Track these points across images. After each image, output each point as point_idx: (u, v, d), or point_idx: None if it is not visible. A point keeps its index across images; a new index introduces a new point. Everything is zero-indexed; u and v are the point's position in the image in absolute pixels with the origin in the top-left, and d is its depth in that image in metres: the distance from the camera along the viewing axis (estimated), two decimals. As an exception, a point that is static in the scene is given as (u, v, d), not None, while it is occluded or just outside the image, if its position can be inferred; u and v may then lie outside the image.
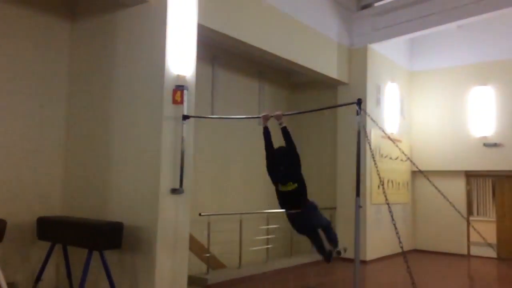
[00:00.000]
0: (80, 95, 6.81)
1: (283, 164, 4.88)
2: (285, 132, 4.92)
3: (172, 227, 5.81)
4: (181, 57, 6.01)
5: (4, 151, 6.12)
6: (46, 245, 5.94)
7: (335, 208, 10.60)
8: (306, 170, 12.15)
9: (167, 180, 5.78)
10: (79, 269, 5.54)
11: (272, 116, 5.03)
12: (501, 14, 9.35)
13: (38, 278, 5.82)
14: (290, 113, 6.04)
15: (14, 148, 6.24)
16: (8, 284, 5.20)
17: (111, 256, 5.70)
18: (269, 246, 9.26)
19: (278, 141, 5.03)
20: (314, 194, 11.61)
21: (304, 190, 5.01)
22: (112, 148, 6.29)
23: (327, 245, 5.12)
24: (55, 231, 5.82)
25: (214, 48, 9.26)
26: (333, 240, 5.14)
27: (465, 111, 11.43)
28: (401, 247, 4.00)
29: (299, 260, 9.70)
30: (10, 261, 5.93)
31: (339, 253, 5.04)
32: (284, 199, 4.99)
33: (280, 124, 4.97)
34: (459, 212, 4.83)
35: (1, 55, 6.13)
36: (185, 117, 5.90)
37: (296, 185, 4.85)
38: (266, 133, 5.08)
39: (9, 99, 6.21)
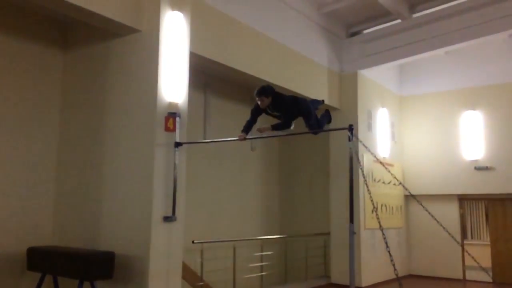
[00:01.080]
0: (72, 123, 6.80)
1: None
2: (275, 127, 5.38)
3: (164, 256, 5.73)
4: (173, 85, 6.05)
5: (-6, 180, 6.06)
6: (36, 276, 5.82)
7: (328, 233, 10.53)
8: (299, 196, 12.12)
9: (160, 207, 5.73)
10: (70, 301, 5.42)
11: (254, 138, 5.46)
12: (488, 40, 9.57)
13: (27, 311, 5.68)
14: (280, 135, 6.11)
15: (4, 178, 6.17)
16: (-4, 317, 5.07)
17: (102, 286, 5.59)
18: (263, 273, 9.14)
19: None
20: (307, 219, 11.60)
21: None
22: (104, 176, 6.25)
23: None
24: (45, 261, 5.71)
25: (206, 75, 9.34)
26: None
27: (455, 135, 11.53)
28: (396, 274, 3.96)
29: (294, 287, 9.57)
30: (-2, 293, 5.80)
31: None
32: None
33: (265, 130, 5.44)
34: (453, 237, 4.82)
35: (-7, 84, 6.14)
36: (178, 144, 5.90)
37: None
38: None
39: (0, 125, 6.19)
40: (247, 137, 5.59)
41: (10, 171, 6.25)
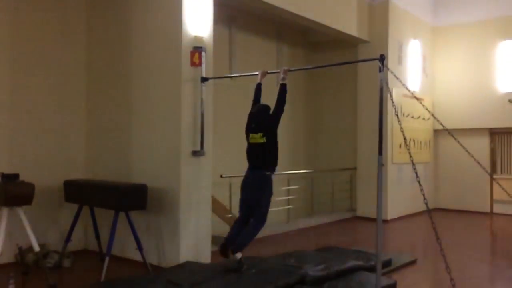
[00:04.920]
0: (99, 61, 6.81)
1: (256, 121, 5.00)
2: (282, 88, 4.96)
3: (194, 188, 5.90)
4: (198, 18, 5.91)
5: (28, 118, 6.24)
6: (73, 207, 6.12)
7: (355, 168, 10.58)
8: (326, 131, 12.13)
9: (188, 142, 5.82)
10: (107, 230, 5.71)
11: (272, 73, 5.29)
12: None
13: (68, 239, 6.02)
14: (308, 67, 5.98)
15: (38, 114, 6.35)
16: (39, 245, 5.38)
17: (137, 217, 5.85)
18: (290, 206, 9.36)
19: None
20: (334, 154, 11.65)
21: (272, 149, 5.02)
22: (133, 112, 6.33)
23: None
24: (82, 194, 5.97)
25: (231, 8, 9.08)
26: (241, 243, 4.94)
27: (490, 66, 11.07)
28: (426, 203, 3.97)
29: (320, 220, 9.81)
30: (39, 223, 6.13)
31: (239, 263, 4.84)
32: (250, 152, 5.11)
33: (283, 79, 4.93)
34: (483, 167, 4.74)
35: (19, 23, 6.14)
36: (204, 79, 5.87)
37: (265, 139, 4.92)
38: (257, 89, 5.30)
39: (29, 65, 6.28)
40: (269, 71, 5.45)
41: (43, 110, 6.41)
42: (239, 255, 4.87)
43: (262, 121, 4.98)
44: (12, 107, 6.09)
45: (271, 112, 5.07)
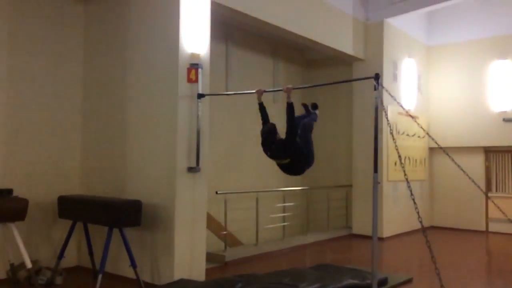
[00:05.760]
0: (96, 74, 6.83)
1: (269, 149, 4.97)
2: (289, 108, 4.91)
3: (189, 205, 5.87)
4: (195, 35, 5.96)
5: (23, 131, 6.22)
6: (67, 223, 6.07)
7: (351, 185, 10.58)
8: (321, 148, 12.19)
9: (184, 158, 5.81)
10: (100, 247, 5.66)
11: (270, 91, 5.17)
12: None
13: (61, 255, 5.95)
14: (304, 86, 6.01)
15: (33, 129, 6.33)
16: (31, 261, 5.33)
17: (131, 233, 5.80)
18: (285, 223, 9.32)
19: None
20: (330, 171, 11.67)
21: (302, 159, 4.99)
22: (129, 128, 6.33)
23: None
24: (75, 209, 5.92)
25: (228, 26, 9.18)
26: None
27: (484, 85, 11.19)
28: (420, 221, 3.97)
29: (316, 237, 9.76)
30: (32, 239, 6.08)
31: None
32: (283, 169, 5.12)
33: (288, 98, 4.94)
34: (478, 186, 4.77)
35: (17, 34, 6.17)
36: (200, 95, 5.90)
37: (288, 159, 4.91)
38: (261, 109, 5.30)
39: (26, 79, 6.28)
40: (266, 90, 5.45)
41: (39, 124, 6.39)
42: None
43: (275, 149, 4.93)
44: (7, 122, 6.06)
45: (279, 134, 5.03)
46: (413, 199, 3.97)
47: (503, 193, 11.03)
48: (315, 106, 5.59)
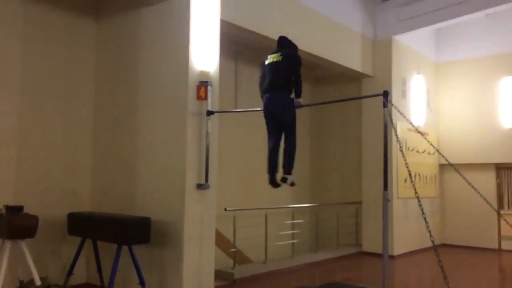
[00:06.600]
0: (106, 92, 6.92)
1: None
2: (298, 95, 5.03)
3: (198, 222, 5.85)
4: (204, 53, 6.03)
5: (34, 148, 6.28)
6: (76, 240, 6.07)
7: (360, 202, 10.50)
8: (331, 164, 12.08)
9: (193, 175, 5.82)
10: (109, 264, 5.64)
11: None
12: (532, 1, 9.05)
13: (70, 273, 5.95)
14: (314, 103, 6.01)
15: (43, 147, 6.39)
16: (41, 278, 5.33)
17: (140, 250, 5.79)
18: (294, 241, 9.25)
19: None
20: (339, 187, 11.59)
21: (290, 69, 4.98)
22: (139, 145, 6.37)
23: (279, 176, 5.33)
24: (85, 226, 5.94)
25: (237, 43, 9.26)
26: (288, 167, 5.23)
27: (494, 102, 11.13)
28: (432, 241, 3.91)
29: (325, 255, 9.65)
30: (42, 255, 6.09)
31: (291, 183, 5.22)
32: (265, 75, 5.13)
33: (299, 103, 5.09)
34: (489, 204, 4.70)
35: (29, 55, 6.28)
36: (209, 113, 5.92)
37: (281, 57, 4.95)
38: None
39: (38, 98, 6.37)
40: None
41: (49, 141, 6.46)
42: (290, 178, 5.17)
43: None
44: (19, 140, 6.14)
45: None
46: (425, 218, 3.92)
47: (516, 210, 10.87)
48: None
